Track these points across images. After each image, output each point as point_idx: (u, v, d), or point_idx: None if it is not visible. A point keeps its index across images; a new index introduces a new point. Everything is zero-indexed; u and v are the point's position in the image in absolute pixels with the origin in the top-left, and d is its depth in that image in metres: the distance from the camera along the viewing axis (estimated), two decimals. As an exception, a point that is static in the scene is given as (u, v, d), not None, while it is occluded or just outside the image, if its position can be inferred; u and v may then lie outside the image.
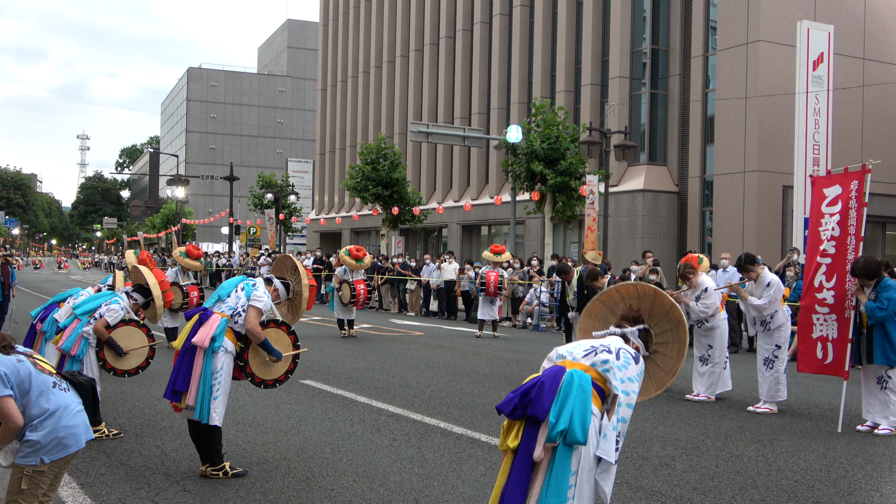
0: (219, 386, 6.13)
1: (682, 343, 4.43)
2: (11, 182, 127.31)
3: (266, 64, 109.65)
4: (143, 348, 7.70)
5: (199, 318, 6.21)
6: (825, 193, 9.01)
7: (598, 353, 3.90)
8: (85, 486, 5.95)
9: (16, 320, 17.16)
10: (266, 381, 6.55)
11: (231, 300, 6.30)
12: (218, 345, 6.11)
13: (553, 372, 3.80)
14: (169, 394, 6.17)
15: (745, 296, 9.64)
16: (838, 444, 7.81)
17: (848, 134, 27.96)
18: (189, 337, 6.15)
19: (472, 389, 10.50)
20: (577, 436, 3.64)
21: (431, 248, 45.93)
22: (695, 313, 10.10)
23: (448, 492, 5.96)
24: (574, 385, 3.71)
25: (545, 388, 3.71)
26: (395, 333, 18.15)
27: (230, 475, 6.17)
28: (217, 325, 6.14)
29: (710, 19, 30.60)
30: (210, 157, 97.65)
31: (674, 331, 4.47)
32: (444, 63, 45.04)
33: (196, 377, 6.06)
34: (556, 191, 26.17)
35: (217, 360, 6.14)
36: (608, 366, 3.83)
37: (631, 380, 3.86)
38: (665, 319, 4.49)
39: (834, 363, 8.71)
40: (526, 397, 3.72)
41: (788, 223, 26.74)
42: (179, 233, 52.78)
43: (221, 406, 6.17)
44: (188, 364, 6.10)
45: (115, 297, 7.60)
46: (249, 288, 6.34)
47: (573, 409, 3.65)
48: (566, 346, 4.10)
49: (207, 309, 6.31)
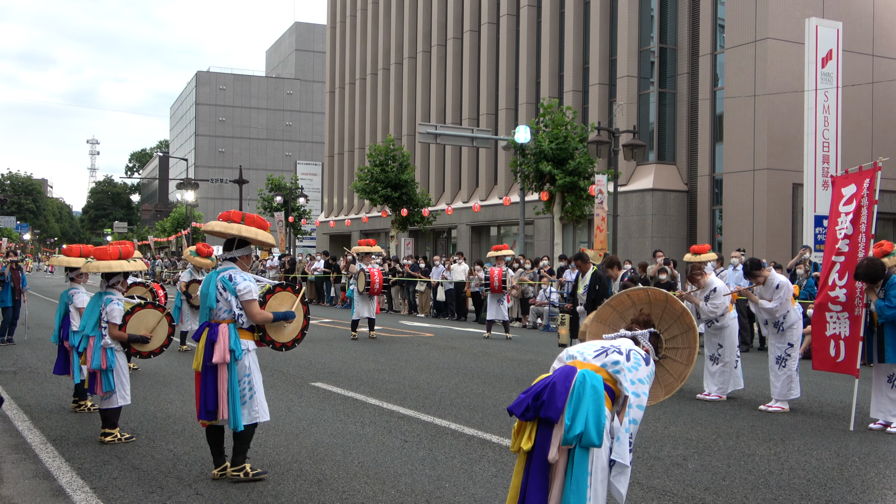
0: (249, 387, 6.19)
1: (693, 349, 4.42)
2: (22, 187, 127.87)
3: (274, 67, 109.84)
4: (161, 325, 7.74)
5: (208, 336, 6.17)
6: (842, 193, 9.02)
7: (609, 353, 3.89)
8: (97, 490, 5.97)
9: (28, 325, 17.23)
10: (286, 344, 6.58)
11: (223, 304, 6.20)
12: (239, 353, 6.14)
13: (564, 372, 3.79)
14: (203, 414, 6.15)
15: (755, 299, 9.63)
16: (851, 443, 7.78)
17: (858, 131, 27.86)
18: (206, 357, 6.13)
19: (482, 390, 10.50)
20: (592, 438, 3.64)
21: (441, 250, 45.94)
22: (704, 313, 10.12)
23: (459, 493, 5.96)
24: (587, 386, 3.70)
25: (557, 388, 3.69)
26: (406, 335, 18.17)
27: (251, 476, 6.18)
28: (229, 336, 6.12)
29: (718, 17, 30.53)
30: (219, 160, 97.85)
31: (685, 336, 4.45)
32: (451, 64, 45.05)
33: (224, 392, 6.09)
34: (564, 191, 26.15)
35: (242, 364, 6.18)
36: (619, 367, 3.82)
37: (641, 381, 3.85)
38: (676, 324, 4.47)
39: (846, 361, 8.69)
40: (538, 399, 3.70)
41: (799, 221, 26.65)
42: (189, 236, 52.89)
43: (259, 403, 6.23)
44: (213, 382, 6.11)
45: (106, 298, 7.58)
46: (230, 284, 6.17)
47: (588, 411, 3.64)
48: (576, 347, 4.09)
49: (210, 323, 6.26)
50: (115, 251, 7.70)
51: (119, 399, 7.49)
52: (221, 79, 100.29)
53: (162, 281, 45.38)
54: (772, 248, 26.15)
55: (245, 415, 6.16)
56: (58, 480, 6.24)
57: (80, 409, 8.97)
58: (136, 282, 11.37)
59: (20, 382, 10.91)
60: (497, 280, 17.40)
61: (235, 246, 6.38)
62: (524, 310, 21.90)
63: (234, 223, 6.26)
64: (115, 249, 7.74)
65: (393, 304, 26.90)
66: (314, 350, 14.57)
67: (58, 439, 7.58)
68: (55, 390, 10.32)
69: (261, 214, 48.80)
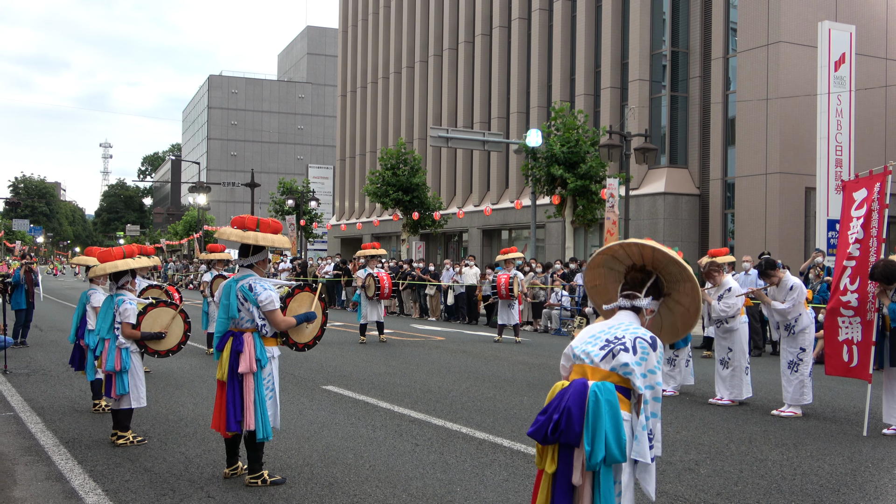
0: (270, 390, 6.24)
1: (694, 283, 4.16)
2: (36, 190, 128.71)
3: (286, 71, 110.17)
4: (176, 322, 7.76)
5: (233, 346, 6.16)
6: (854, 197, 8.98)
7: (616, 353, 3.85)
8: (110, 493, 5.99)
9: (40, 327, 17.33)
10: (308, 343, 6.65)
11: (245, 314, 6.19)
12: (265, 362, 6.18)
13: (577, 394, 3.77)
14: (233, 425, 6.11)
15: (767, 301, 9.58)
16: (864, 448, 7.74)
17: (871, 135, 27.73)
18: (232, 367, 6.13)
19: (493, 394, 10.49)
20: (616, 457, 3.68)
21: (452, 253, 45.96)
22: (715, 312, 10.05)
23: (471, 497, 5.96)
24: (601, 405, 3.71)
25: (573, 414, 3.71)
26: (417, 338, 18.17)
27: (269, 483, 6.19)
28: (254, 346, 6.14)
29: (731, 21, 30.46)
30: (231, 163, 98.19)
31: (682, 273, 4.19)
32: (463, 68, 45.08)
33: (250, 401, 6.10)
34: (576, 194, 26.13)
35: (266, 370, 6.22)
36: (629, 368, 3.80)
37: (652, 371, 3.82)
38: (671, 264, 4.23)
39: (859, 366, 8.63)
40: (556, 430, 3.72)
41: (811, 225, 26.54)
42: (201, 239, 53.05)
43: (273, 407, 6.27)
44: (239, 392, 6.12)
45: (118, 299, 7.60)
46: (250, 295, 6.16)
47: (606, 431, 3.66)
48: (581, 344, 4.03)
49: (234, 332, 6.24)
50: (119, 251, 7.74)
51: (132, 401, 7.51)
52: (234, 83, 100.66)
53: (175, 284, 45.55)
54: (784, 253, 26.04)
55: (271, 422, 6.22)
56: (70, 482, 6.27)
57: (96, 409, 9.03)
58: (152, 284, 11.39)
59: (33, 384, 10.96)
60: (504, 288, 17.37)
61: (251, 252, 6.37)
62: (535, 313, 21.87)
63: (250, 230, 6.24)
64: (118, 250, 7.78)
65: (404, 307, 26.91)
66: (325, 353, 14.59)
67: (70, 441, 7.61)
68: (68, 392, 10.36)
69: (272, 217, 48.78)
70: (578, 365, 3.98)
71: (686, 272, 4.11)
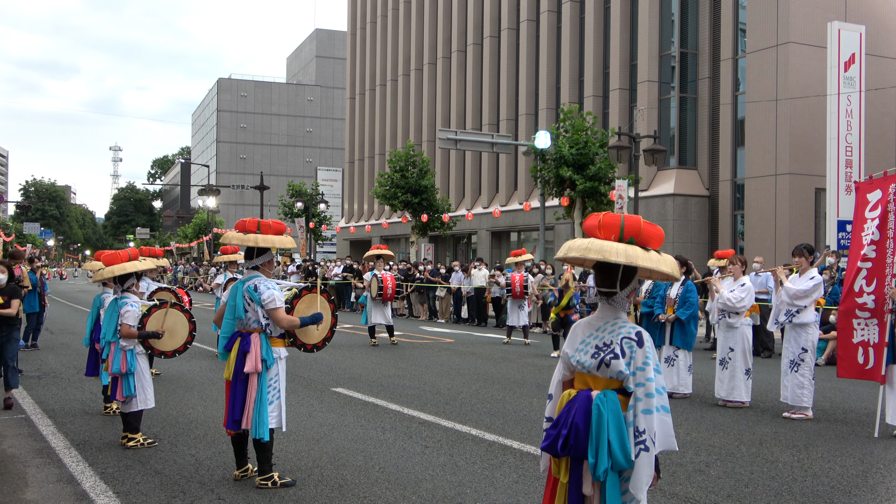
0: (276, 391, 6.24)
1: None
2: (46, 194, 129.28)
3: (295, 74, 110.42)
4: (182, 323, 7.78)
5: (241, 346, 6.20)
6: (868, 199, 8.91)
7: (609, 363, 3.86)
8: (121, 495, 6.01)
9: (51, 330, 17.41)
10: (317, 345, 6.67)
11: (251, 314, 6.24)
12: (271, 362, 6.19)
13: (583, 409, 3.83)
14: (230, 424, 6.18)
15: (783, 278, 9.51)
16: (875, 450, 7.71)
17: (881, 135, 27.62)
18: (238, 366, 6.17)
19: (503, 396, 10.49)
20: (622, 464, 3.73)
21: (461, 255, 45.96)
22: (721, 301, 9.97)
23: (481, 499, 5.96)
24: (604, 418, 3.77)
25: (580, 430, 3.80)
26: (426, 340, 18.17)
27: (279, 485, 6.20)
28: (261, 346, 6.18)
29: (740, 21, 30.38)
30: (240, 166, 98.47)
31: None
32: (471, 70, 45.09)
33: (251, 401, 6.13)
34: (585, 196, 26.08)
35: (272, 370, 6.24)
36: (623, 375, 3.84)
37: (641, 368, 3.82)
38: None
39: (875, 368, 8.56)
40: (566, 446, 3.81)
41: (821, 226, 26.45)
42: (211, 242, 53.16)
43: (278, 409, 6.26)
44: (242, 391, 6.16)
45: (122, 301, 7.62)
46: (255, 295, 6.19)
47: (610, 442, 3.73)
48: (575, 353, 3.99)
49: (241, 333, 6.27)
50: (124, 254, 7.76)
51: (140, 403, 7.53)
52: (243, 86, 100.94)
53: (184, 286, 45.67)
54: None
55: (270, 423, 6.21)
56: (81, 485, 6.29)
57: (107, 411, 9.06)
58: (162, 287, 11.42)
59: (44, 387, 11.00)
60: (519, 286, 17.42)
61: (256, 254, 6.41)
62: (545, 315, 21.83)
63: (251, 233, 6.28)
64: (123, 252, 7.80)
65: (413, 309, 26.92)
66: (335, 355, 14.61)
67: (81, 444, 7.64)
68: (79, 395, 10.40)
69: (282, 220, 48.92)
70: (580, 373, 4.01)
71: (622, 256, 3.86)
